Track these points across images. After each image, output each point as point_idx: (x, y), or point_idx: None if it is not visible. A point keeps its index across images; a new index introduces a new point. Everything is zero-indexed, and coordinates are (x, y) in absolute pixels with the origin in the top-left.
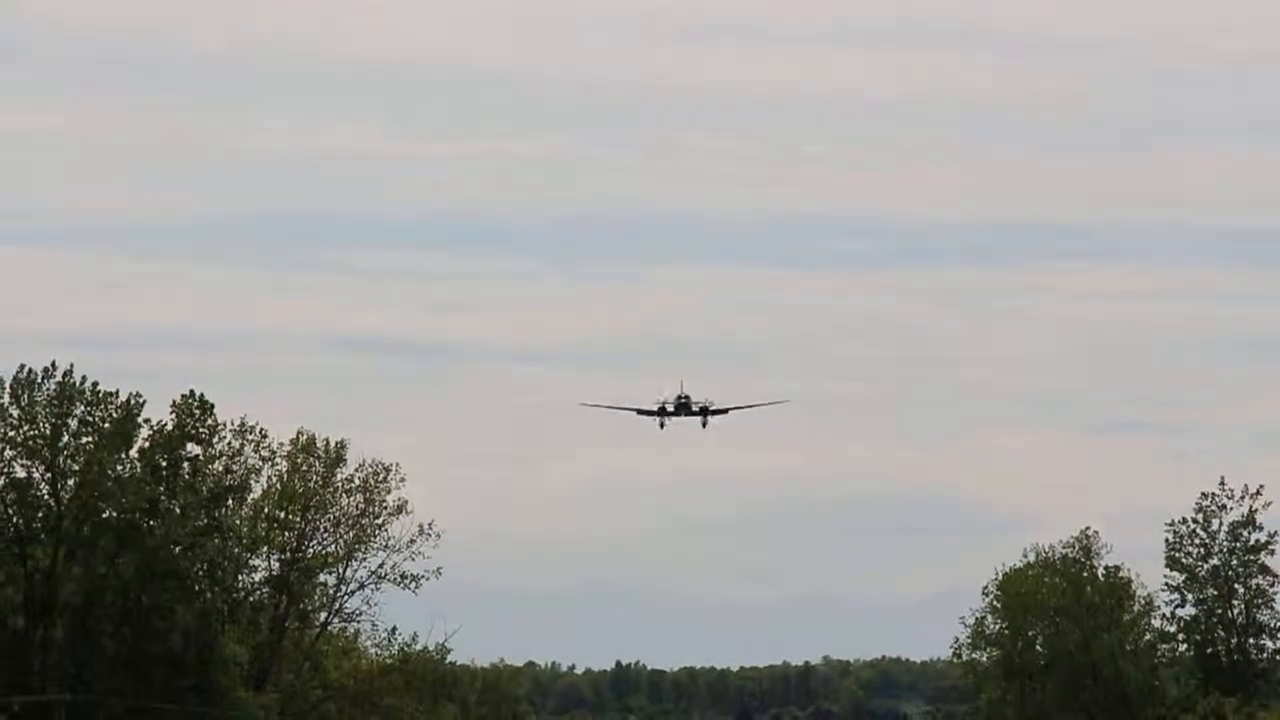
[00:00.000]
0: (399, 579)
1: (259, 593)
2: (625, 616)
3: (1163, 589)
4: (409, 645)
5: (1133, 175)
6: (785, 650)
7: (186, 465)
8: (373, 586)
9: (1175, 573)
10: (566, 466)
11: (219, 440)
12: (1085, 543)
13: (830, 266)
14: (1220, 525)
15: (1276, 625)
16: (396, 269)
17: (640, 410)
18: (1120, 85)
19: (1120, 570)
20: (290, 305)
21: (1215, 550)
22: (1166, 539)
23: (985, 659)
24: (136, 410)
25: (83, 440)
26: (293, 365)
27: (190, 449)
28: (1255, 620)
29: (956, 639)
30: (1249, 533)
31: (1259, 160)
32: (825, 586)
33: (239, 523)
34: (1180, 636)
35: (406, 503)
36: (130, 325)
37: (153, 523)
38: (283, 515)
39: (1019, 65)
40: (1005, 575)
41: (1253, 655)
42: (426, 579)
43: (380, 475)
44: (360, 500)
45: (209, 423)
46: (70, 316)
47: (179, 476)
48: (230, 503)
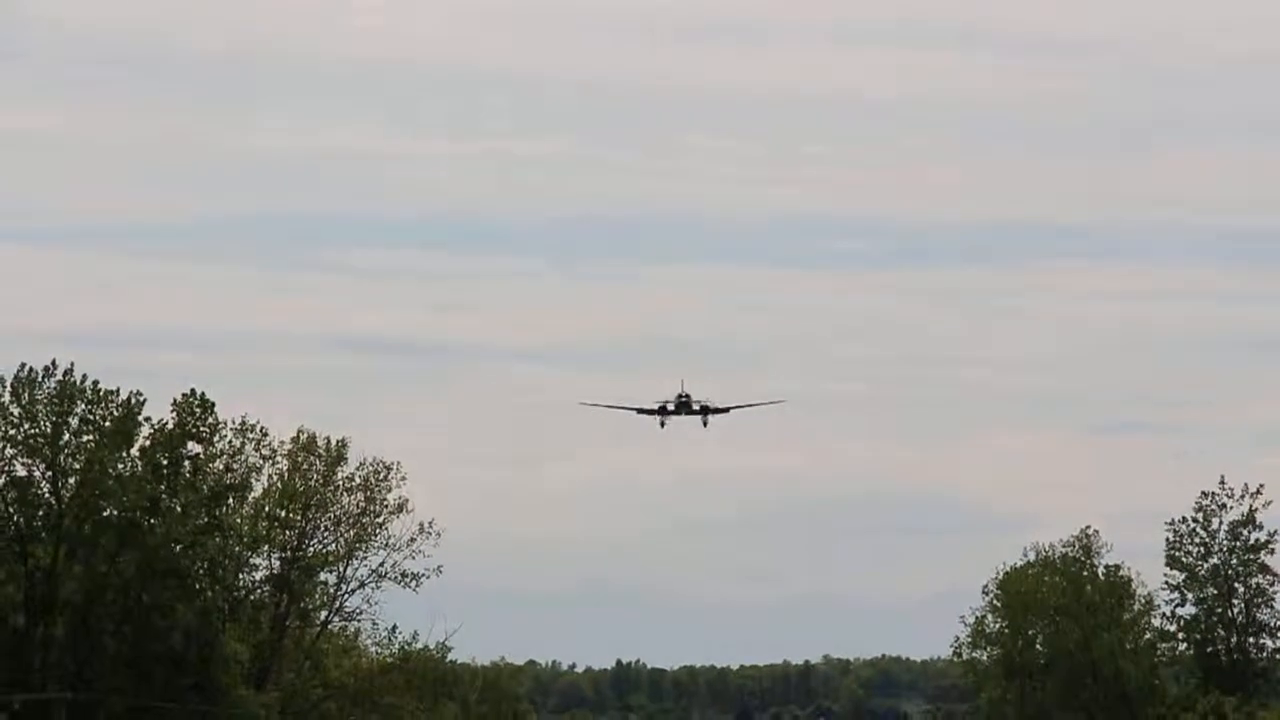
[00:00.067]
0: (399, 578)
1: (260, 591)
2: (625, 616)
3: (1163, 588)
4: (410, 644)
5: (1133, 175)
6: (785, 649)
7: (187, 464)
8: (373, 585)
9: (1175, 572)
10: (566, 466)
11: (220, 439)
12: (1085, 542)
13: (830, 266)
14: (1220, 524)
15: (1276, 624)
16: (396, 269)
17: (640, 410)
18: (1120, 85)
19: (1120, 569)
20: (290, 305)
21: (1215, 549)
22: (1166, 538)
23: (985, 658)
24: (137, 409)
25: (83, 439)
26: (293, 365)
27: (191, 448)
28: (1255, 619)
29: (957, 638)
30: (1249, 532)
31: (1259, 160)
32: (825, 586)
33: (240, 521)
34: (1180, 635)
35: (407, 501)
36: (130, 325)
37: (153, 521)
38: (283, 514)
39: (1019, 65)
40: (1005, 574)
41: (1252, 654)
42: (427, 578)
43: (381, 474)
44: (361, 499)
45: (210, 421)
46: (70, 316)
47: (180, 475)
48: (231, 501)
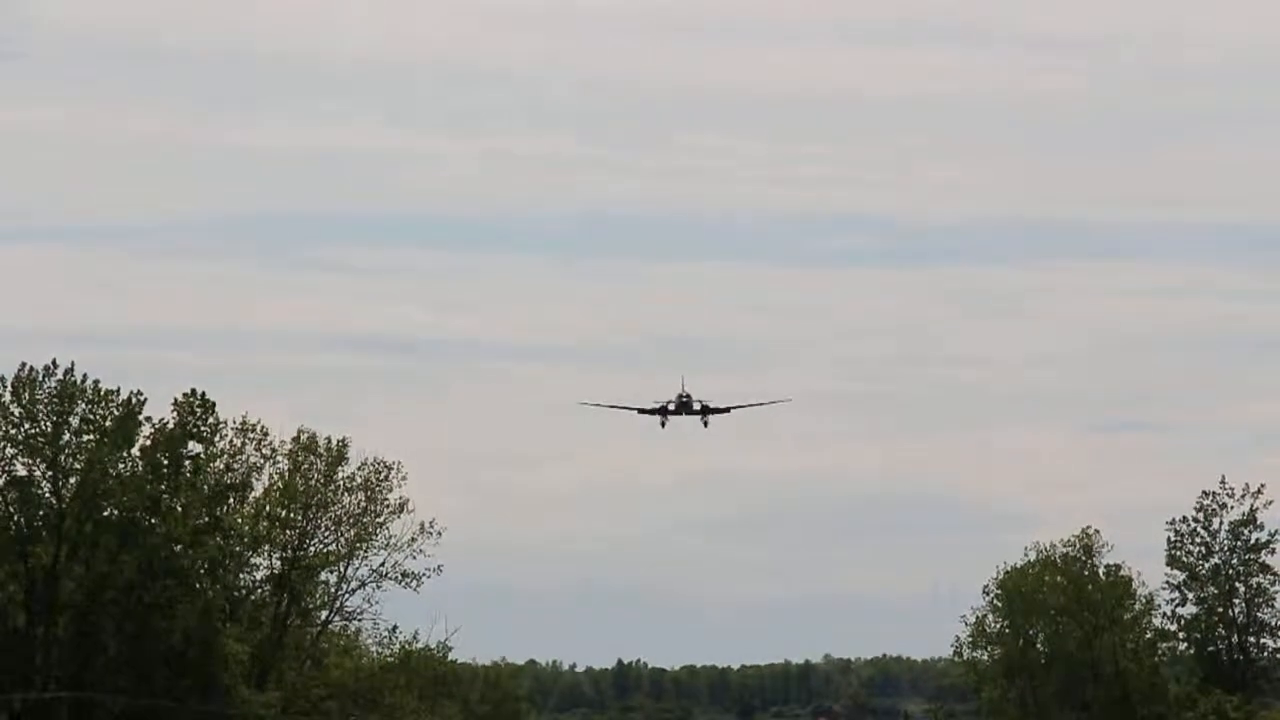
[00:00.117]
0: (400, 577)
1: (260, 591)
2: (626, 615)
3: (1163, 587)
4: (410, 644)
5: (1133, 175)
6: (786, 649)
7: (188, 463)
8: (374, 585)
9: (1176, 571)
10: (566, 466)
11: (220, 438)
12: (1086, 541)
13: (830, 266)
14: (1221, 524)
15: (1277, 624)
16: (396, 269)
17: (640, 410)
18: (1120, 85)
19: (1121, 569)
20: (290, 305)
21: (1216, 549)
22: (1167, 537)
23: (986, 657)
24: (138, 408)
25: (84, 438)
26: (293, 365)
27: (192, 447)
28: (1256, 619)
29: (957, 637)
30: (1250, 531)
31: (1259, 160)
32: (825, 585)
33: (240, 521)
34: (1181, 635)
35: (408, 501)
36: (130, 325)
37: (154, 521)
38: (284, 513)
39: (1019, 64)
40: (1006, 574)
41: (1253, 654)
42: (427, 578)
43: (381, 474)
44: (361, 499)
45: (210, 421)
46: (70, 316)
47: (180, 474)
48: (231, 501)
